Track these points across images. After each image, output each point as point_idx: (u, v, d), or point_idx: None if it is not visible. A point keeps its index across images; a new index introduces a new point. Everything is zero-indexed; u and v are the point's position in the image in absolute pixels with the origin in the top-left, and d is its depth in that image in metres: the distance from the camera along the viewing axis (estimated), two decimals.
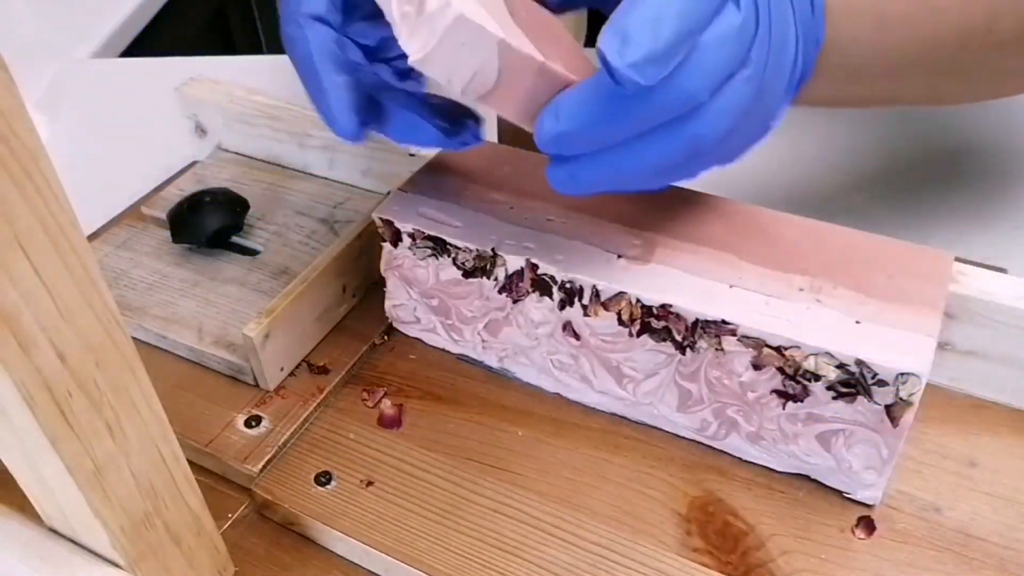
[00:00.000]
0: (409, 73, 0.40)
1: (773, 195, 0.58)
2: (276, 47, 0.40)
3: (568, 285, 0.39)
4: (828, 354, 0.35)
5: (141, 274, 0.51)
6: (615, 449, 0.41)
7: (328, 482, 0.40)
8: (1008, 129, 0.63)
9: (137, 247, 0.53)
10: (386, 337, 0.48)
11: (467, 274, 0.42)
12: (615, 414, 0.42)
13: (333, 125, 0.37)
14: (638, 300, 0.38)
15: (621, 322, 0.39)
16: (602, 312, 0.39)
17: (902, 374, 0.34)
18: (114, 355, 0.28)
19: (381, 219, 0.43)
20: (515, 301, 0.41)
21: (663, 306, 0.37)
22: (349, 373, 0.46)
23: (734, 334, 0.36)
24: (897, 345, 0.34)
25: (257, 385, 0.45)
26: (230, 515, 0.40)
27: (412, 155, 0.52)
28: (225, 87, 0.59)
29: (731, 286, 0.37)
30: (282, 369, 0.45)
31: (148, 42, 1.02)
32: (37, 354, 0.25)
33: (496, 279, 0.41)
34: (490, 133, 0.56)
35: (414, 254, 0.43)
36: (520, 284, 0.40)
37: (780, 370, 0.36)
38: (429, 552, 0.37)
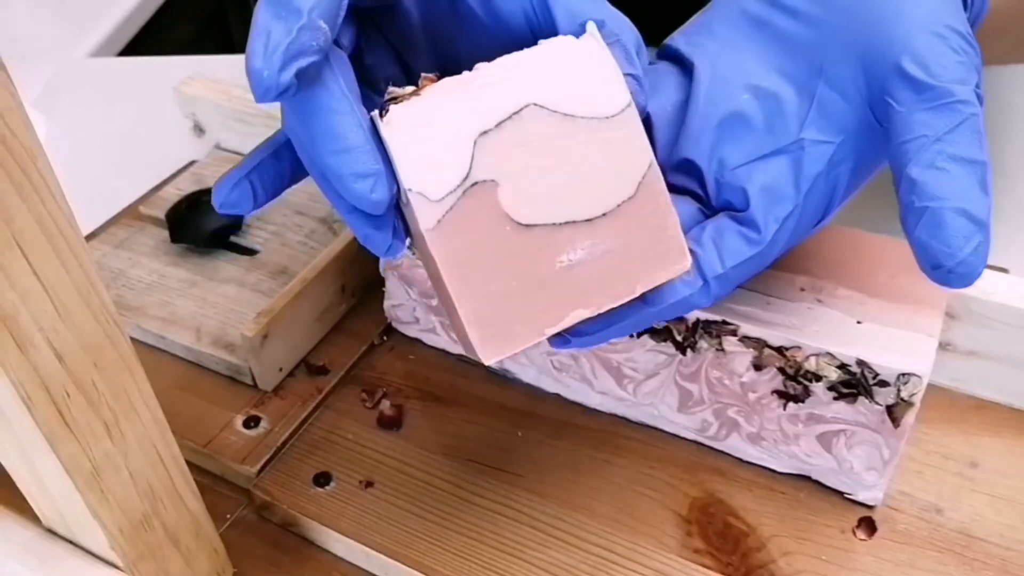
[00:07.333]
0: None
1: None
2: None
3: None
4: (829, 354, 0.35)
5: (139, 274, 0.51)
6: (615, 450, 0.41)
7: (327, 483, 0.40)
8: (1009, 130, 0.63)
9: (135, 247, 0.53)
10: (385, 337, 0.47)
11: None
12: (615, 415, 0.42)
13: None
14: None
15: None
16: None
17: (903, 374, 0.34)
18: (112, 355, 0.28)
19: None
20: None
21: None
22: (348, 374, 0.45)
23: (735, 334, 0.36)
24: (898, 345, 0.34)
25: (256, 386, 0.44)
26: (229, 516, 0.40)
27: None
28: (223, 86, 0.58)
29: None
30: (281, 369, 0.45)
31: (146, 41, 1.02)
32: (35, 354, 0.25)
33: None
34: None
35: (413, 254, 0.43)
36: None
37: (781, 370, 0.36)
38: (428, 553, 0.37)
